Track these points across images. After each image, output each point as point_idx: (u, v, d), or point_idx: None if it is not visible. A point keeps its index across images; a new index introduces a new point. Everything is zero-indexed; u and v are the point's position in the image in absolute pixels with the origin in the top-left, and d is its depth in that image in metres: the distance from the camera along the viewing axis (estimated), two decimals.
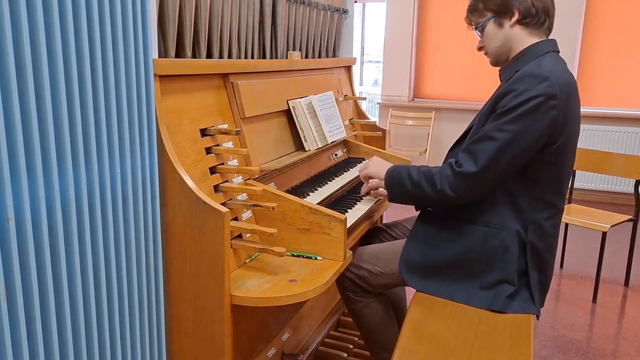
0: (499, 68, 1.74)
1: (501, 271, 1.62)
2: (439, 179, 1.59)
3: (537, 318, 1.66)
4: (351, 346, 2.19)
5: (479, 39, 1.74)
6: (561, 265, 3.57)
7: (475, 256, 1.63)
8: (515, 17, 1.62)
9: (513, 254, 1.61)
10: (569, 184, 1.68)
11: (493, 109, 1.57)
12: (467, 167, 1.54)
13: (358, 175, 2.18)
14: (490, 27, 1.67)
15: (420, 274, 1.68)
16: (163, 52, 1.58)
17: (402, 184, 1.68)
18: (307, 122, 1.99)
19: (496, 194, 1.61)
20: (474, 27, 1.73)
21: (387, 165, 1.78)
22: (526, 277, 1.63)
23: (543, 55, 1.60)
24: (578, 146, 1.77)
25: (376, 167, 1.82)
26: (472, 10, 1.72)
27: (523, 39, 1.64)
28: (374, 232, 2.08)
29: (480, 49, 1.76)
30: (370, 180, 1.86)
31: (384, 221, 2.54)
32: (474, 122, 1.68)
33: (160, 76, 1.38)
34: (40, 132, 1.01)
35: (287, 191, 1.76)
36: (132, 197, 1.28)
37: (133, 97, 1.25)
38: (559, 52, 1.67)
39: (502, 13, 1.64)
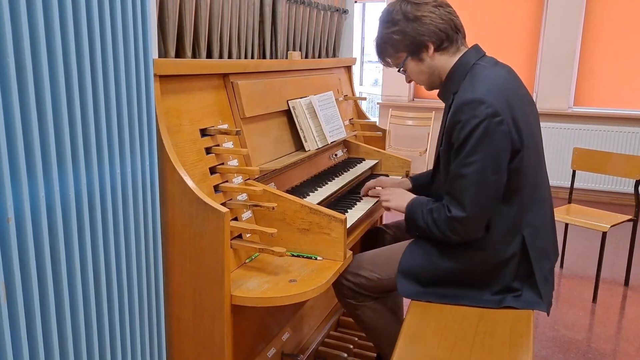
0: (437, 94, 1.75)
1: (501, 283, 1.63)
2: (440, 223, 1.60)
3: (548, 314, 1.66)
4: (351, 346, 2.19)
5: (404, 74, 1.74)
6: (561, 265, 3.57)
7: (473, 274, 1.65)
8: (432, 49, 1.63)
9: (511, 267, 1.62)
10: (546, 171, 1.69)
11: (450, 144, 1.58)
12: (456, 212, 1.55)
13: (358, 175, 2.18)
14: (411, 64, 1.67)
15: (419, 286, 1.69)
16: (163, 52, 1.58)
17: (415, 220, 1.69)
18: (307, 122, 1.99)
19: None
20: (394, 67, 1.73)
21: (407, 197, 1.76)
22: (530, 278, 1.63)
23: (471, 70, 1.61)
24: (578, 146, 1.77)
25: (397, 201, 1.79)
26: (384, 55, 1.72)
27: (447, 61, 1.65)
28: (374, 233, 2.08)
29: (410, 81, 1.77)
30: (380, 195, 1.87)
31: (384, 221, 2.54)
32: (438, 154, 1.69)
33: (160, 76, 1.38)
34: (40, 132, 1.01)
35: (287, 191, 1.76)
36: (132, 197, 1.28)
37: (133, 97, 1.25)
38: (484, 54, 1.67)
39: (416, 51, 1.64)
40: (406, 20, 1.61)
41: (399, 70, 1.72)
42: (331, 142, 2.10)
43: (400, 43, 1.64)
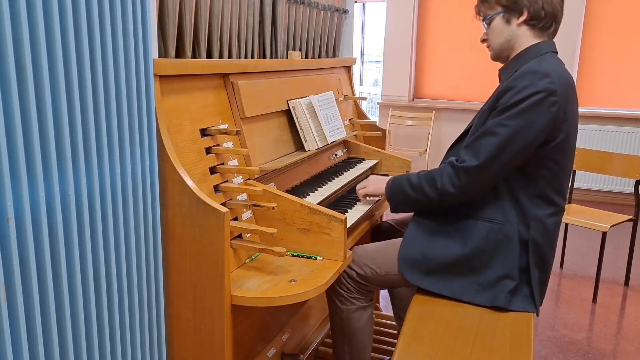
0: (499, 69, 1.75)
1: (503, 266, 1.62)
2: (439, 179, 1.60)
3: (537, 315, 1.66)
4: None
5: (485, 30, 1.74)
6: (561, 265, 3.57)
7: (478, 252, 1.62)
8: (524, 16, 1.63)
9: (515, 249, 1.61)
10: (569, 184, 1.68)
11: (494, 106, 1.59)
12: (469, 161, 1.56)
13: (358, 176, 2.18)
14: (498, 21, 1.68)
15: (420, 270, 1.68)
16: (163, 52, 1.58)
17: (403, 191, 1.69)
18: (307, 122, 1.99)
19: (499, 190, 1.61)
20: (481, 17, 1.73)
21: (385, 179, 1.79)
22: (527, 274, 1.63)
23: (542, 55, 1.62)
24: (578, 146, 1.78)
25: (375, 184, 1.83)
26: (483, 1, 1.72)
27: (527, 39, 1.66)
28: (381, 228, 2.08)
29: (483, 40, 1.76)
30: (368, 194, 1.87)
31: (385, 219, 2.54)
32: (474, 120, 1.69)
33: (160, 76, 1.38)
34: (40, 132, 1.01)
35: (287, 191, 1.76)
36: (132, 197, 1.28)
37: (133, 97, 1.25)
38: (557, 52, 1.69)
39: (511, 10, 1.65)
40: None
41: (483, 20, 1.72)
42: (331, 142, 2.10)
43: None
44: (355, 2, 2.81)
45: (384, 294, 2.88)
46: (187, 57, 1.66)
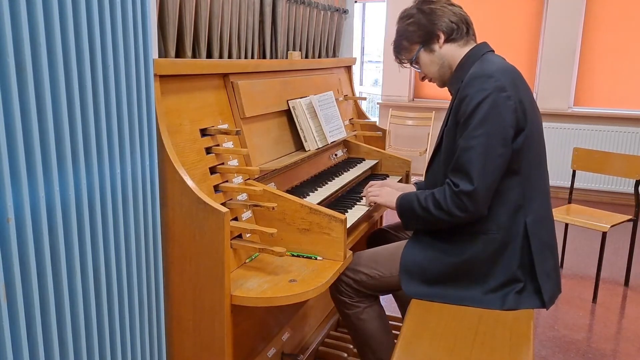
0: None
1: (505, 272, 1.62)
2: (444, 201, 1.59)
3: (547, 308, 1.66)
4: (351, 346, 2.19)
5: (418, 71, 1.81)
6: (561, 265, 3.57)
7: (476, 262, 1.63)
8: (442, 38, 1.71)
9: (514, 252, 1.62)
10: (547, 169, 1.71)
11: (456, 120, 1.61)
12: (464, 185, 1.55)
13: (358, 175, 2.18)
14: (423, 56, 1.76)
15: (423, 284, 1.68)
16: (163, 52, 1.58)
17: (412, 210, 1.69)
18: (307, 122, 1.99)
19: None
20: (407, 63, 1.81)
21: (397, 194, 1.78)
22: (531, 270, 1.63)
23: (481, 58, 1.67)
24: (578, 146, 1.78)
25: (387, 197, 1.82)
26: (399, 50, 1.81)
27: (456, 52, 1.72)
28: (378, 234, 2.08)
29: (423, 78, 1.83)
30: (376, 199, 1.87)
31: (385, 221, 2.54)
32: (441, 138, 1.71)
33: (160, 76, 1.38)
34: (40, 132, 1.01)
35: (287, 191, 1.76)
36: (132, 197, 1.28)
37: (133, 97, 1.25)
38: (493, 51, 1.74)
39: (428, 40, 1.73)
40: (421, 12, 1.72)
41: (411, 65, 1.79)
42: (331, 142, 2.10)
43: (414, 34, 1.74)
44: (355, 2, 2.81)
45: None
46: (187, 57, 1.66)
